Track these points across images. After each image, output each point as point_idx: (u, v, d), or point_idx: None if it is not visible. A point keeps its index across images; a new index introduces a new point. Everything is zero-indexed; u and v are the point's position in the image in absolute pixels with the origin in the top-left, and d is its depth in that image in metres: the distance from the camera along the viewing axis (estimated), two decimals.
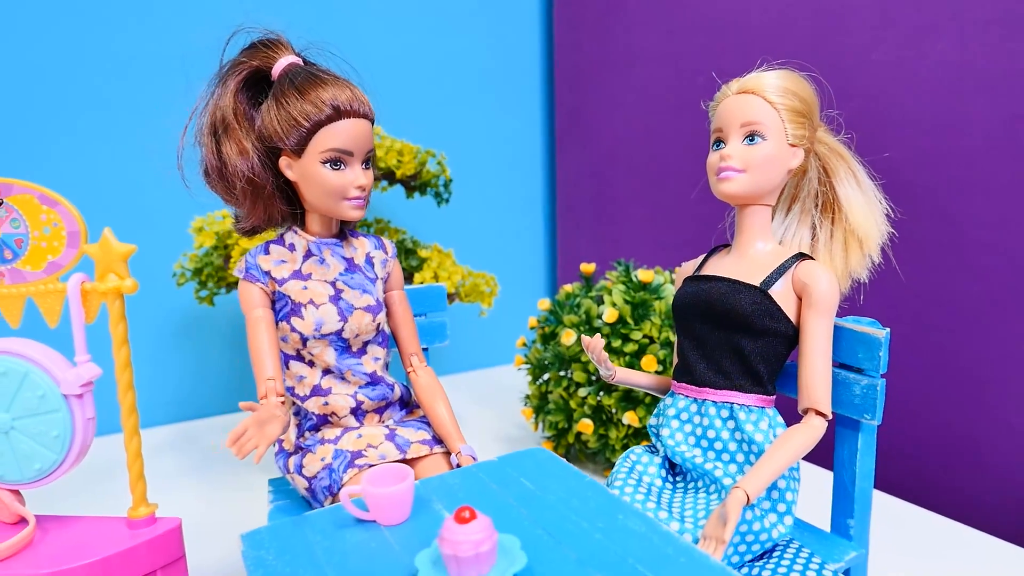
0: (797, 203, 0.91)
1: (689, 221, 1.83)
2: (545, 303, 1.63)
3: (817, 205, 0.90)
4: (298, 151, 0.84)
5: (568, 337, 1.49)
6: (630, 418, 1.39)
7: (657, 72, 1.92)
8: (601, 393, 1.47)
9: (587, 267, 1.62)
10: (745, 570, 0.77)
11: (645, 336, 1.45)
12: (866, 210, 0.87)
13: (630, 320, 1.45)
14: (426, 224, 2.14)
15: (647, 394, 1.43)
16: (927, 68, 1.35)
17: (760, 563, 0.77)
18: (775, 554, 0.78)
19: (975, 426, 1.37)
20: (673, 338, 1.42)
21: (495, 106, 2.27)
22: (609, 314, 1.45)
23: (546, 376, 1.63)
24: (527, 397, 1.68)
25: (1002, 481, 1.35)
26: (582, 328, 1.51)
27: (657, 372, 1.39)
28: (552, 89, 2.36)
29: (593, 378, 1.49)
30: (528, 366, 1.66)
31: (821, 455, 1.54)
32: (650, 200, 2.01)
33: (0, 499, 0.91)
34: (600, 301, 1.56)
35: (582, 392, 1.47)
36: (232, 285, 1.59)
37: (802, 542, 0.85)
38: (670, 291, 1.50)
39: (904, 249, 0.93)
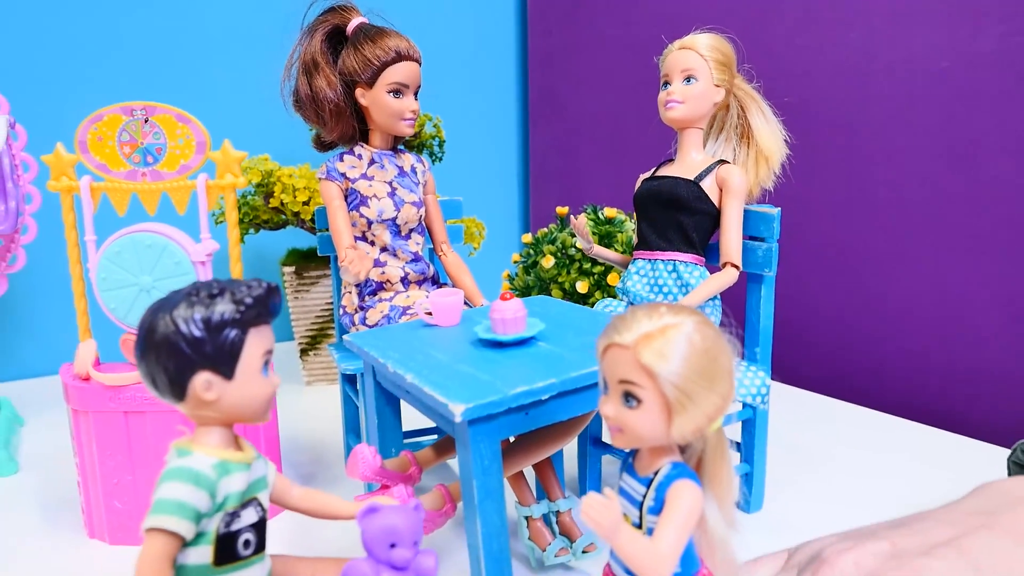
0: (723, 132, 1.28)
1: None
2: (527, 238, 1.98)
3: (737, 134, 1.26)
4: (370, 83, 1.18)
5: (548, 261, 1.85)
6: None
7: (619, 56, 2.30)
8: None
9: (562, 209, 1.98)
10: None
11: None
12: (771, 135, 1.24)
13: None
14: None
15: None
16: (835, 35, 1.75)
17: None
18: None
19: (854, 310, 1.77)
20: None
21: (475, 85, 2.62)
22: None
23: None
24: None
25: (879, 357, 1.74)
26: (558, 256, 1.87)
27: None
28: (526, 70, 2.72)
29: (568, 295, 1.84)
30: (514, 291, 2.01)
31: None
32: (612, 163, 2.38)
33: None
34: (573, 235, 1.91)
35: None
36: (263, 226, 1.90)
37: None
38: (628, 226, 1.86)
39: (798, 168, 1.31)
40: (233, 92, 2.19)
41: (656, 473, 0.63)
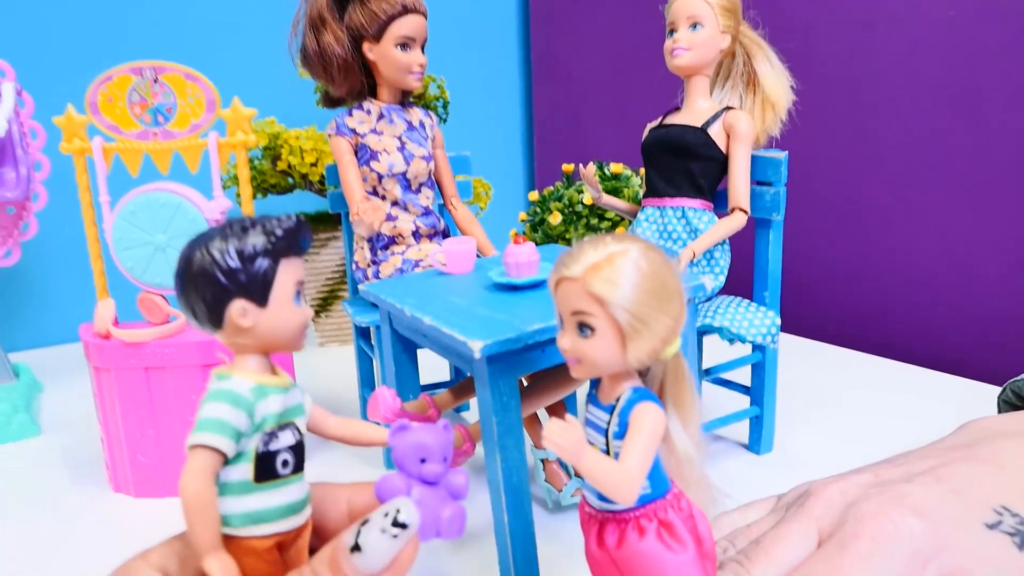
0: (729, 80, 1.28)
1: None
2: (534, 195, 1.99)
3: (743, 81, 1.27)
4: (377, 37, 1.19)
5: (555, 218, 1.86)
6: None
7: (621, 13, 2.29)
8: None
9: (567, 166, 1.98)
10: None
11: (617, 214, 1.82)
12: (776, 82, 1.24)
13: None
14: None
15: None
16: None
17: (710, 304, 1.17)
18: (721, 300, 1.18)
19: (858, 259, 1.79)
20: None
21: (477, 45, 2.61)
22: (587, 198, 1.81)
23: None
24: None
25: (884, 304, 1.76)
26: (565, 213, 1.88)
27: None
28: (527, 29, 2.70)
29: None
30: None
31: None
32: (616, 120, 2.38)
33: (154, 301, 1.23)
34: (580, 191, 1.92)
35: None
36: (272, 191, 1.91)
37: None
38: (635, 181, 1.87)
39: (802, 116, 1.31)
40: (238, 55, 2.19)
41: (618, 400, 0.64)
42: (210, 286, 0.57)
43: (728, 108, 1.20)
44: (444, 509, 0.60)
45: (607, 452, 0.65)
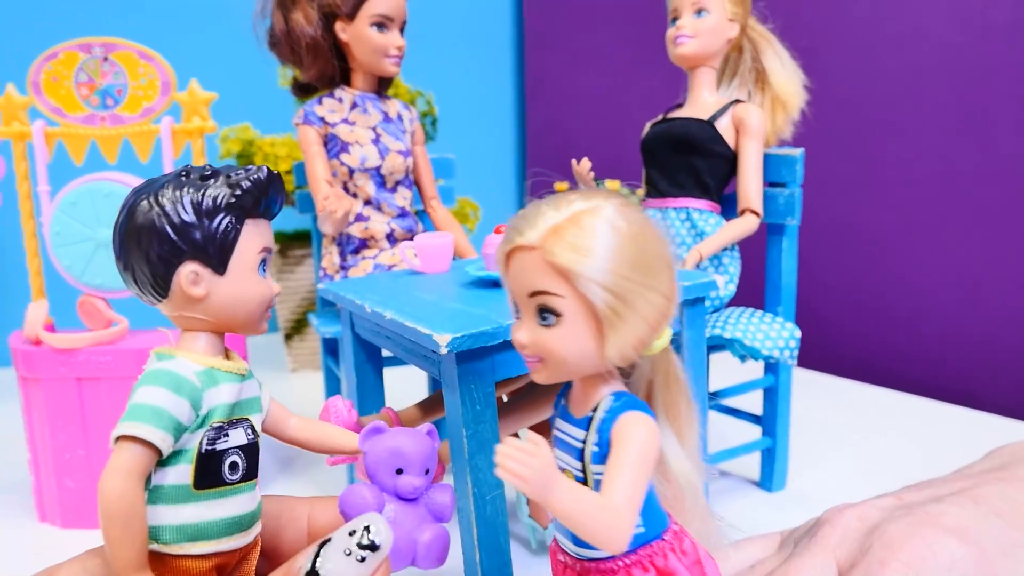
0: (737, 76, 1.17)
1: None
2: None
3: (751, 78, 1.16)
4: (351, 15, 1.07)
5: None
6: None
7: (614, 32, 2.20)
8: None
9: (560, 185, 1.87)
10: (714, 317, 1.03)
11: None
12: (786, 79, 1.13)
13: None
14: None
15: None
16: None
17: (719, 315, 1.04)
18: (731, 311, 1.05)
19: (868, 291, 1.66)
20: None
21: (469, 64, 2.53)
22: None
23: None
24: None
25: (894, 337, 1.63)
26: None
27: None
28: (521, 50, 2.63)
29: None
30: None
31: None
32: (611, 141, 2.28)
33: (95, 305, 1.10)
34: None
35: None
36: None
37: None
38: (634, 200, 1.76)
39: (807, 141, 1.20)
40: (211, 59, 2.09)
41: (596, 410, 0.48)
42: (157, 243, 0.47)
43: (737, 101, 1.09)
44: (423, 531, 0.46)
45: (584, 481, 0.49)
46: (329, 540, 0.42)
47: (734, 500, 1.09)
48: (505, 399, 0.89)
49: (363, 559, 0.41)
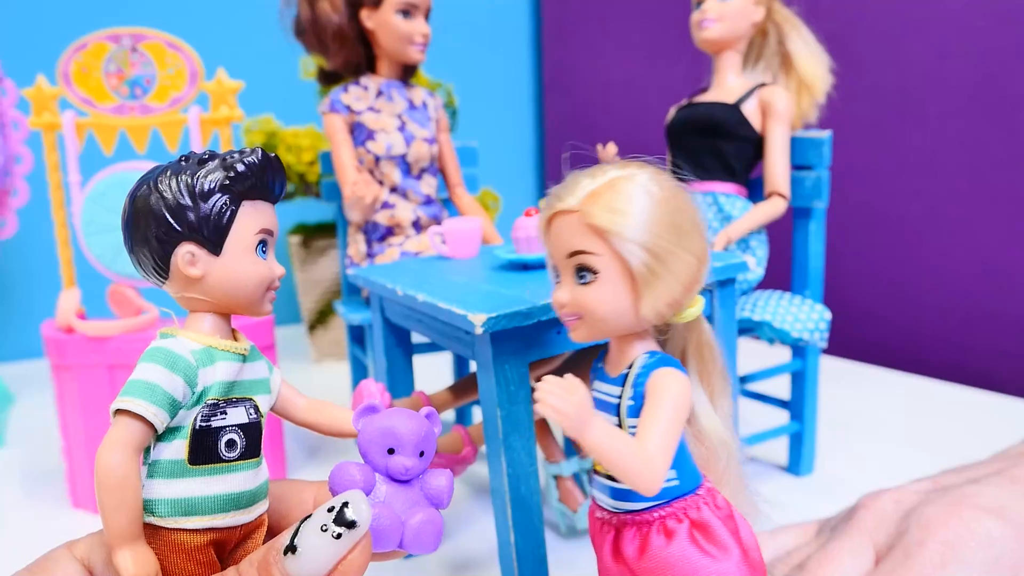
0: (762, 60, 1.16)
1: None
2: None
3: (777, 62, 1.15)
4: (376, 3, 1.08)
5: None
6: None
7: (633, 24, 2.19)
8: None
9: None
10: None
11: None
12: (812, 62, 1.12)
13: None
14: None
15: None
16: None
17: (747, 298, 1.04)
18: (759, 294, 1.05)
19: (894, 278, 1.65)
20: None
21: (488, 56, 2.53)
22: None
23: None
24: None
25: (924, 320, 1.62)
26: None
27: None
28: (540, 43, 2.62)
29: None
30: None
31: None
32: (631, 133, 2.27)
33: (125, 294, 1.11)
34: None
35: None
36: None
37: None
38: None
39: (842, 98, 1.19)
40: (235, 52, 2.10)
41: (630, 368, 0.51)
42: (156, 227, 0.48)
43: (763, 84, 1.08)
44: (414, 514, 0.46)
45: None
46: (310, 516, 0.42)
47: (762, 484, 1.09)
48: (535, 384, 0.89)
49: (339, 536, 0.41)
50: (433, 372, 1.50)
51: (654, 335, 0.52)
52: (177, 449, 0.47)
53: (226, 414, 0.49)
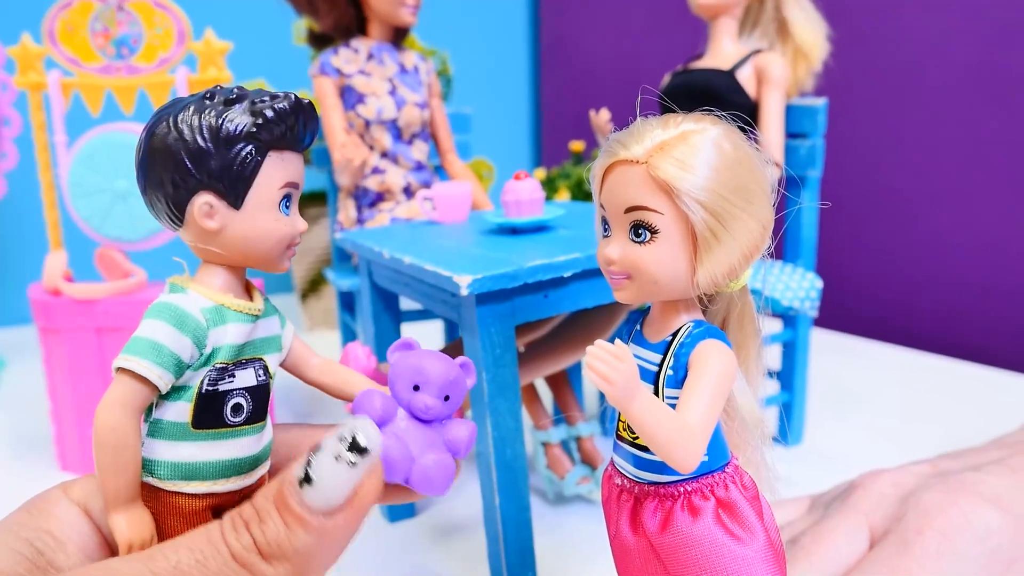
0: (759, 27, 1.15)
1: None
2: (540, 174, 1.86)
3: (773, 28, 1.14)
4: None
5: (563, 195, 1.73)
6: None
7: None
8: None
9: (576, 144, 1.85)
10: None
11: None
12: (809, 29, 1.11)
13: None
14: None
15: None
16: None
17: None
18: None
19: (890, 250, 1.65)
20: None
21: (484, 24, 2.50)
22: None
23: None
24: None
25: (919, 290, 1.62)
26: (574, 191, 1.75)
27: None
28: (538, 12, 2.59)
29: None
30: None
31: None
32: (627, 106, 2.25)
33: (112, 257, 1.10)
34: (590, 169, 1.79)
35: None
36: None
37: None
38: None
39: (843, 67, 1.17)
40: (226, 15, 2.07)
41: (675, 336, 0.48)
42: (172, 170, 0.44)
43: (758, 51, 1.07)
44: (427, 454, 0.45)
45: None
46: (320, 447, 0.41)
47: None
48: (522, 350, 0.89)
49: (353, 463, 0.40)
50: (423, 340, 1.49)
51: (698, 303, 0.50)
52: (181, 411, 0.45)
53: (234, 377, 0.46)
